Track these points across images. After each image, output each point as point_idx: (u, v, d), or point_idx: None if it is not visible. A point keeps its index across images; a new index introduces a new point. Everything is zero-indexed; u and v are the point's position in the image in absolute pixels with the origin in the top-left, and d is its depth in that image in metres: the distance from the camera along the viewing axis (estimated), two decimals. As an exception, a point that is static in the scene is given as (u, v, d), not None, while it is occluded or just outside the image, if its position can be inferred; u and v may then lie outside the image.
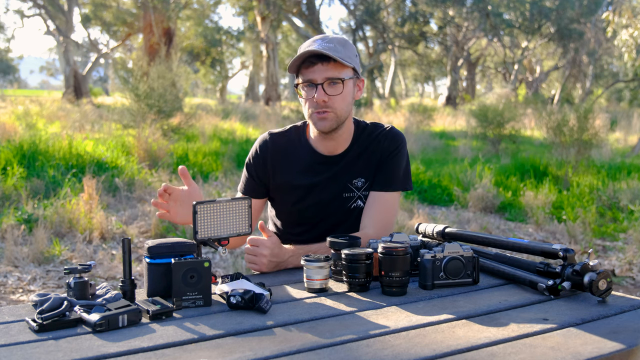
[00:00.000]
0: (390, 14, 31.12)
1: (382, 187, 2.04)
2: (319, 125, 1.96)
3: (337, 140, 2.04)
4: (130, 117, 11.28)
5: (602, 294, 1.53)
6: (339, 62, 1.90)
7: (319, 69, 1.90)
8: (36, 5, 30.93)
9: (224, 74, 39.77)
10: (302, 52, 1.91)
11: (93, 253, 4.90)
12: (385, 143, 2.05)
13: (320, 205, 2.07)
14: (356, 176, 2.05)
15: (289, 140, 2.11)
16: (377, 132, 2.08)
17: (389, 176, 2.04)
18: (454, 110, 25.89)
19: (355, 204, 2.06)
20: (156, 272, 1.56)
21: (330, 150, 2.07)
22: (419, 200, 7.37)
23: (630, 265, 4.95)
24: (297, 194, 2.09)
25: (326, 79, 1.90)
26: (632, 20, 13.35)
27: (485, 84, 47.86)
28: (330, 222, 2.08)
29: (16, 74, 61.09)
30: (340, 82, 1.92)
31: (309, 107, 1.95)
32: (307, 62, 1.92)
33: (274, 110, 20.44)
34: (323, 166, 2.07)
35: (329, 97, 1.91)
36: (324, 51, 1.87)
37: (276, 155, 2.09)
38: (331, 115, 1.94)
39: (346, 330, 1.35)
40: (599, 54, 27.13)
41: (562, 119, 9.31)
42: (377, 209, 2.03)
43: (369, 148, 2.06)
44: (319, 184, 2.06)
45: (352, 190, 2.06)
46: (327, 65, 1.90)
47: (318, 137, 2.06)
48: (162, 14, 21.14)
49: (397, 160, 2.05)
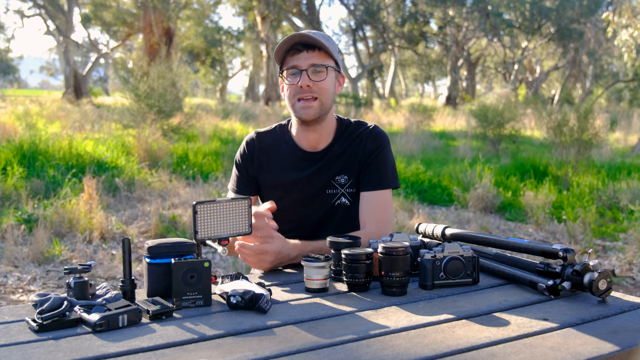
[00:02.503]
0: (390, 14, 31.14)
1: (373, 186, 2.07)
2: (302, 113, 1.99)
3: (319, 133, 2.07)
4: (130, 117, 11.29)
5: (602, 294, 1.53)
6: (323, 51, 1.97)
7: (304, 56, 1.96)
8: (36, 5, 30.93)
9: (224, 74, 39.78)
10: (287, 38, 1.96)
11: (93, 253, 4.90)
12: (369, 142, 2.08)
13: (304, 202, 2.09)
14: (339, 173, 2.08)
15: (275, 139, 2.16)
16: (360, 130, 2.11)
17: (378, 175, 2.07)
18: (454, 110, 25.89)
19: (340, 200, 2.08)
20: (156, 272, 1.56)
21: (313, 145, 2.09)
22: (419, 200, 7.37)
23: (630, 265, 4.95)
24: (281, 190, 2.11)
25: (311, 65, 1.96)
26: (632, 20, 13.35)
27: (485, 84, 47.87)
28: (315, 220, 2.10)
29: (16, 74, 61.09)
30: (324, 69, 1.98)
31: (292, 94, 1.99)
32: (292, 50, 1.97)
33: (274, 110, 20.45)
34: (306, 162, 2.09)
35: (313, 82, 1.97)
36: (310, 37, 1.93)
37: (263, 153, 2.13)
38: (315, 104, 1.98)
39: (346, 330, 1.35)
40: (599, 54, 27.13)
41: (562, 119, 9.31)
42: (372, 208, 2.05)
43: (352, 146, 2.09)
44: (302, 180, 2.08)
45: (336, 187, 2.08)
46: (312, 52, 1.96)
47: (300, 130, 2.09)
48: (162, 14, 21.14)
49: (383, 159, 2.08)
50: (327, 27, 66.17)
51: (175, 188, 7.27)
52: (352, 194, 2.09)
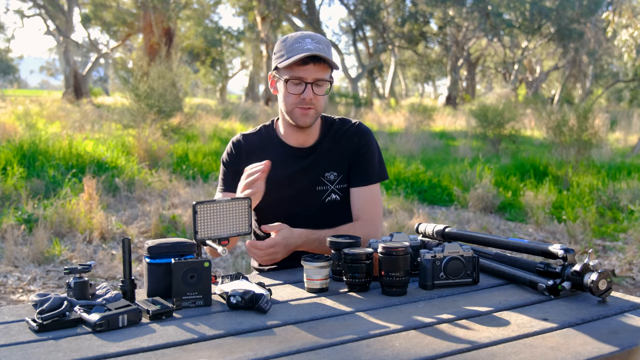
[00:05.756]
0: (390, 14, 31.15)
1: (362, 182, 2.14)
2: (300, 120, 2.05)
3: (308, 132, 2.14)
4: (130, 117, 11.29)
5: (602, 294, 1.53)
6: (327, 65, 2.02)
7: (310, 69, 1.99)
8: (36, 5, 30.93)
9: (224, 74, 39.77)
10: (298, 53, 1.97)
11: (93, 253, 4.90)
12: (355, 139, 2.16)
13: (294, 198, 2.12)
14: (328, 169, 2.14)
15: (261, 139, 2.21)
16: (346, 127, 2.18)
17: (366, 171, 2.15)
18: (454, 110, 25.89)
19: (330, 197, 2.13)
20: (156, 272, 1.56)
21: (301, 142, 2.15)
22: (419, 200, 7.37)
23: (630, 265, 4.95)
24: (271, 186, 2.09)
25: (315, 79, 2.00)
26: (632, 20, 13.35)
27: (485, 84, 47.86)
28: (306, 216, 2.10)
29: (16, 74, 61.08)
30: (327, 83, 2.04)
31: (292, 102, 2.04)
32: (299, 61, 1.99)
33: (274, 110, 20.44)
34: (295, 158, 2.14)
35: (316, 96, 2.02)
36: (320, 54, 1.96)
37: (251, 152, 2.17)
38: (312, 112, 2.05)
39: (346, 330, 1.35)
40: (599, 54, 27.13)
41: (562, 119, 9.32)
42: (363, 202, 2.13)
43: (339, 143, 2.16)
44: (292, 176, 2.13)
45: (325, 183, 2.13)
46: (319, 66, 2.00)
47: (289, 130, 2.15)
48: (162, 14, 21.13)
49: (369, 154, 2.16)
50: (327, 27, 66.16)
51: (175, 188, 7.27)
52: (342, 189, 2.16)
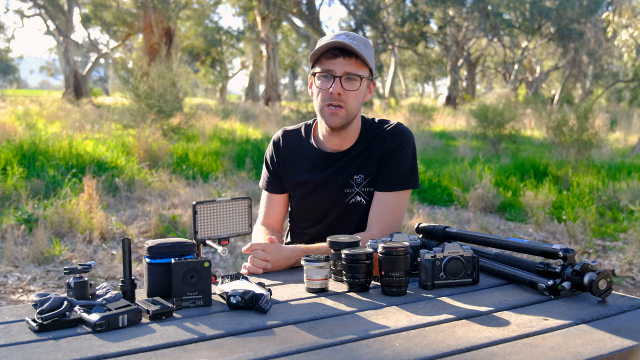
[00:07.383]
0: (390, 14, 31.13)
1: (386, 187, 2.04)
2: (329, 120, 1.97)
3: (343, 138, 2.05)
4: (130, 117, 11.28)
5: (602, 294, 1.53)
6: (360, 60, 1.92)
7: (340, 62, 1.91)
8: (36, 5, 30.92)
9: (224, 74, 39.75)
10: (326, 42, 1.91)
11: (93, 253, 4.90)
12: (389, 141, 2.04)
13: (323, 202, 2.10)
14: (357, 172, 2.06)
15: (299, 138, 2.15)
16: (382, 128, 2.07)
17: (392, 176, 2.03)
18: (454, 110, 25.88)
19: (354, 199, 2.07)
20: (156, 272, 1.56)
21: (336, 147, 2.08)
22: (419, 200, 7.37)
23: (630, 265, 4.95)
24: (302, 191, 2.12)
25: (345, 73, 1.91)
26: (632, 20, 13.35)
27: (485, 84, 47.85)
28: (333, 217, 2.10)
29: (16, 74, 61.09)
30: (358, 79, 1.93)
31: (322, 98, 1.96)
32: (328, 54, 1.92)
33: (274, 110, 20.43)
34: (326, 163, 2.08)
35: (345, 91, 1.92)
36: (349, 45, 1.87)
37: (286, 154, 2.15)
38: (342, 112, 1.95)
39: (346, 330, 1.35)
40: (599, 54, 27.13)
41: (562, 119, 9.31)
42: (382, 210, 2.03)
43: (372, 144, 2.06)
44: (322, 181, 2.08)
45: (352, 185, 2.07)
46: (349, 60, 1.91)
47: (326, 134, 2.07)
48: (162, 14, 21.12)
49: (400, 158, 2.03)
50: (327, 27, 66.07)
51: (175, 188, 7.27)
52: (368, 192, 2.06)
